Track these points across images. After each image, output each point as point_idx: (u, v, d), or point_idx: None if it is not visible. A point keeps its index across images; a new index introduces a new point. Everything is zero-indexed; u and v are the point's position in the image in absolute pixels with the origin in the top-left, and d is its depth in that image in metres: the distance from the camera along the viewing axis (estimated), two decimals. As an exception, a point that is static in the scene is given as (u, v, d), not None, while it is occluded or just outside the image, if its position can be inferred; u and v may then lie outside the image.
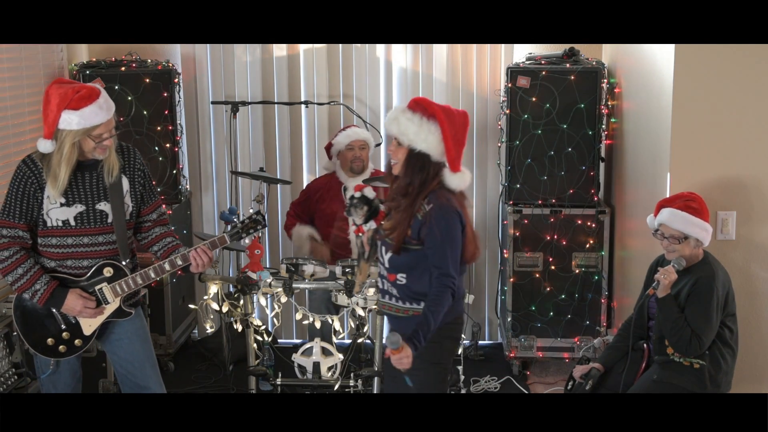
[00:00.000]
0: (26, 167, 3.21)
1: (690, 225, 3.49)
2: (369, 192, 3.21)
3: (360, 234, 3.35)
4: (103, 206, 3.26)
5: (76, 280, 3.27)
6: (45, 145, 3.19)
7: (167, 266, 3.32)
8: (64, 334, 3.30)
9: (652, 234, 3.64)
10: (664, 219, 3.54)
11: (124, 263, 3.30)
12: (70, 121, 3.13)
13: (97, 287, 3.28)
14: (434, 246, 2.98)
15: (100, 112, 3.17)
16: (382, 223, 3.17)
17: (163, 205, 3.53)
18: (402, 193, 3.04)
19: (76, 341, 3.32)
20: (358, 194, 3.22)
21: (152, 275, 3.31)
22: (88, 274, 3.27)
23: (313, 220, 4.95)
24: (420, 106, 2.99)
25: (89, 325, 3.31)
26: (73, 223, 3.23)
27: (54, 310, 3.27)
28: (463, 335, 4.41)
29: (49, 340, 3.30)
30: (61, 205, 3.21)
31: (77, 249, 3.25)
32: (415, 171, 3.00)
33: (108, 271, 3.29)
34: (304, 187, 5.19)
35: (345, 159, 4.89)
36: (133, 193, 3.34)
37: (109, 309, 3.31)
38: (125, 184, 3.31)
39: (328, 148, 5.03)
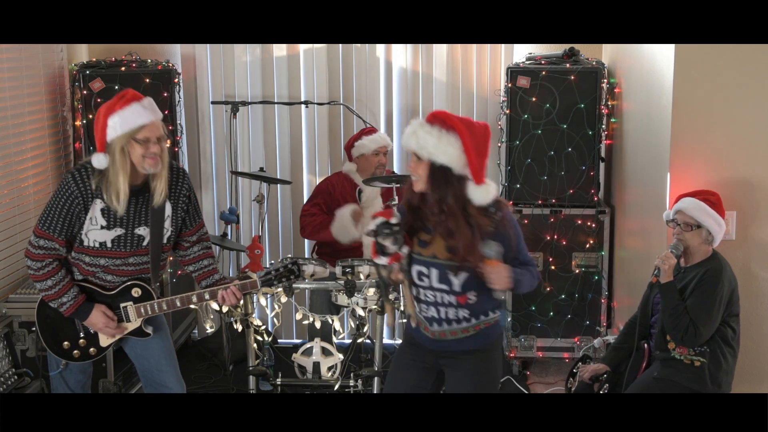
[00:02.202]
0: (75, 185, 3.16)
1: (705, 215, 3.54)
2: (396, 218, 2.95)
3: (397, 262, 2.97)
4: (142, 231, 3.26)
5: (104, 293, 3.30)
6: (98, 160, 3.14)
7: (195, 299, 3.35)
8: (81, 341, 3.35)
9: (666, 223, 3.67)
10: (683, 206, 3.59)
11: (153, 286, 3.33)
12: (115, 125, 3.10)
13: (122, 305, 3.31)
14: (518, 247, 3.02)
15: (143, 111, 3.12)
16: (421, 251, 3.00)
17: (204, 227, 3.51)
18: (437, 211, 2.92)
19: (91, 350, 3.36)
20: (395, 219, 2.92)
21: (178, 304, 3.34)
22: (116, 291, 3.30)
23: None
24: (438, 119, 2.90)
25: (107, 338, 3.36)
26: (109, 245, 3.23)
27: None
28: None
29: (65, 344, 3.34)
30: (102, 227, 3.20)
31: (108, 268, 3.28)
32: (441, 186, 2.89)
33: (136, 292, 3.32)
34: (315, 187, 5.07)
35: (369, 163, 4.84)
36: (175, 218, 3.32)
37: (130, 327, 3.35)
38: (168, 209, 3.29)
39: (349, 148, 4.94)
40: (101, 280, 3.30)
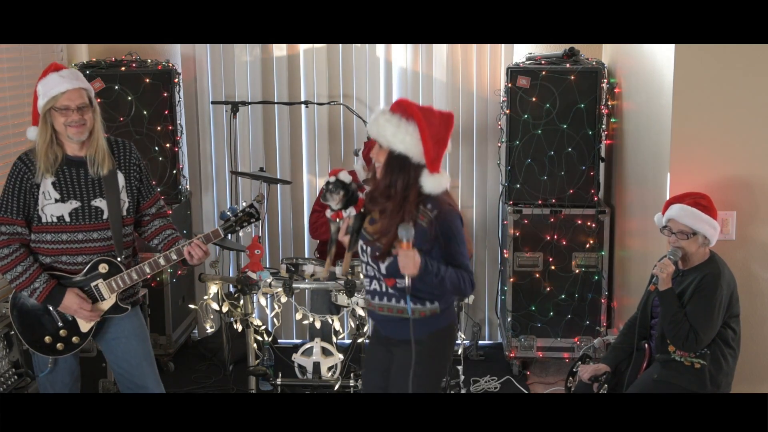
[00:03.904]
0: (22, 163, 3.22)
1: (699, 221, 3.50)
2: (345, 176, 3.07)
3: (337, 220, 3.14)
4: (99, 202, 3.26)
5: (72, 277, 3.27)
6: (29, 132, 3.26)
7: (162, 261, 3.32)
8: (61, 331, 3.30)
9: (660, 230, 3.65)
10: (674, 214, 3.55)
11: (119, 259, 3.29)
12: (39, 96, 3.19)
13: (92, 284, 3.28)
14: (450, 247, 2.99)
15: (60, 80, 3.19)
16: (367, 226, 3.09)
17: (162, 198, 3.52)
18: (384, 196, 2.98)
19: (74, 338, 3.32)
20: (332, 179, 3.07)
21: (147, 270, 3.31)
22: (84, 271, 3.27)
23: None
24: (400, 108, 2.95)
25: (86, 323, 3.32)
26: (67, 219, 3.23)
27: (51, 308, 3.28)
28: (462, 335, 4.46)
29: (47, 338, 3.30)
30: (56, 201, 3.21)
31: (71, 245, 3.25)
32: (394, 173, 2.94)
33: (103, 268, 3.28)
34: (323, 186, 5.02)
35: None
36: (129, 189, 3.33)
37: (106, 305, 3.31)
38: (121, 179, 3.31)
39: (367, 154, 4.78)
40: (71, 264, 3.26)
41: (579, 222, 4.86)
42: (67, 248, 3.26)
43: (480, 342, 5.33)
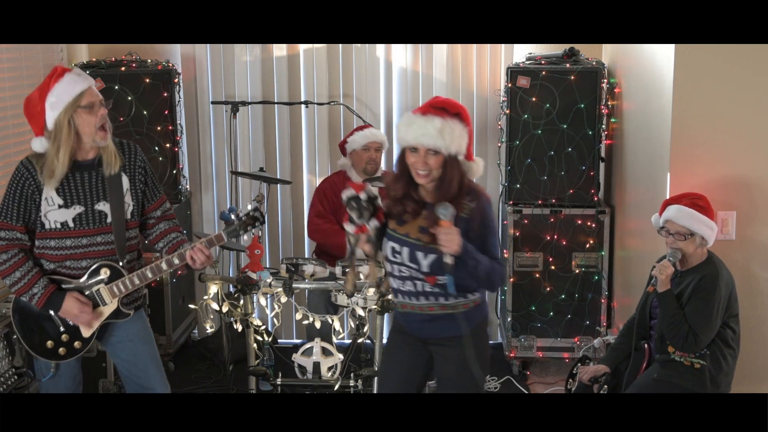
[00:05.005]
0: (24, 169, 3.19)
1: (696, 222, 3.50)
2: (371, 191, 3.06)
3: (362, 234, 3.10)
4: (102, 206, 3.24)
5: (74, 281, 3.26)
6: (39, 143, 3.17)
7: (164, 266, 3.29)
8: (63, 336, 3.29)
9: (657, 231, 3.64)
10: (671, 215, 3.55)
11: (121, 264, 3.28)
12: (55, 102, 3.12)
13: (94, 288, 3.26)
14: (487, 238, 3.00)
15: (78, 79, 3.16)
16: (397, 227, 3.06)
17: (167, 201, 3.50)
18: (451, 199, 2.94)
19: (76, 343, 3.30)
20: (363, 195, 3.04)
21: (149, 275, 3.28)
22: (85, 276, 3.25)
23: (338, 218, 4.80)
24: (439, 109, 2.92)
25: (88, 327, 3.31)
26: (71, 224, 3.21)
27: (52, 313, 3.26)
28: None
29: (49, 343, 3.29)
30: (60, 206, 3.18)
31: (76, 250, 3.23)
32: (454, 173, 2.94)
33: (105, 272, 3.26)
34: (317, 187, 5.06)
35: (360, 159, 4.87)
36: (134, 192, 3.31)
37: (107, 310, 3.29)
38: (125, 182, 3.29)
39: (342, 144, 4.99)
40: (75, 269, 3.24)
41: (579, 222, 4.86)
42: (72, 253, 3.24)
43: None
